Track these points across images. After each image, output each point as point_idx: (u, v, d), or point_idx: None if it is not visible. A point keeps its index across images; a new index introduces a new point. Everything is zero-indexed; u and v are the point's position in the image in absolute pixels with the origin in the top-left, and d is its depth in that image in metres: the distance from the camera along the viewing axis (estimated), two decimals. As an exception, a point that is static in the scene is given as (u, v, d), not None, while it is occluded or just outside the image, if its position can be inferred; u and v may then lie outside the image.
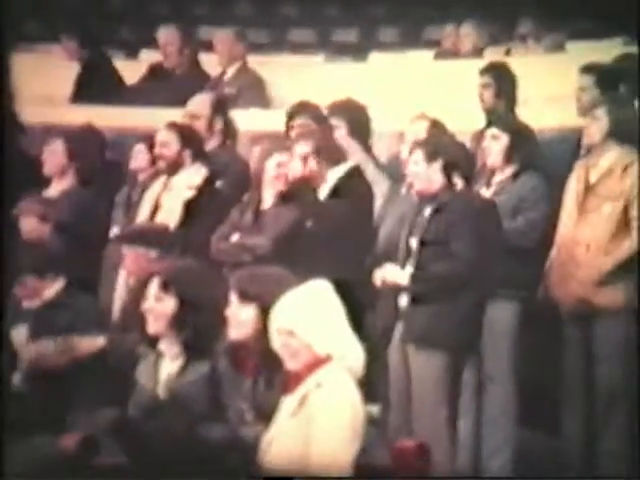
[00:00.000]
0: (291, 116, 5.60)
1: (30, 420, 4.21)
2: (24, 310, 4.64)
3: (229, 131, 5.77)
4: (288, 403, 3.52)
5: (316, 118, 5.51)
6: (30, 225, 5.08)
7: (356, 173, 5.15)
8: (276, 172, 5.16)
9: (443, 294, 4.72)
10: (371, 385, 3.81)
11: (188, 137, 5.40)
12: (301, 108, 5.60)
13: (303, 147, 5.11)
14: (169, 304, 3.96)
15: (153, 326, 3.97)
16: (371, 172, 5.36)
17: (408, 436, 4.50)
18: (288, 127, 5.56)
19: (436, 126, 5.49)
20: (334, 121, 5.54)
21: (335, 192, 5.06)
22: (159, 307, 3.96)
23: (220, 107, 5.78)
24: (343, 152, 5.24)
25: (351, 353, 3.53)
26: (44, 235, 4.97)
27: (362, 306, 4.50)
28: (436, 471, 4.39)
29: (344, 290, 3.61)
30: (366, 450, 3.50)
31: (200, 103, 5.77)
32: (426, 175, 4.85)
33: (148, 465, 3.78)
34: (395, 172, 5.49)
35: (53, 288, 4.71)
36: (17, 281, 4.65)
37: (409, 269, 4.79)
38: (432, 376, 4.70)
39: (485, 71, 5.97)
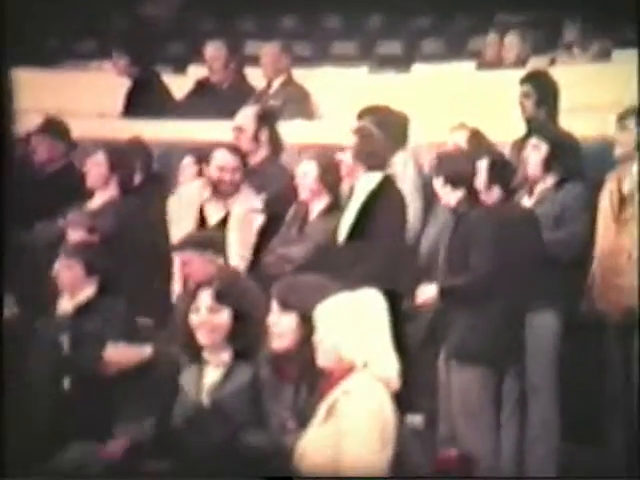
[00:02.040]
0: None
1: (77, 425, 4.24)
2: (61, 317, 4.67)
3: (274, 143, 5.78)
4: (319, 411, 3.51)
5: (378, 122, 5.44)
6: (78, 236, 5.11)
7: (389, 182, 5.13)
8: (308, 180, 5.16)
9: (469, 307, 4.69)
10: (414, 396, 3.79)
11: (241, 158, 5.42)
12: (367, 111, 5.53)
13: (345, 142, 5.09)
14: (223, 315, 3.93)
15: (206, 338, 3.94)
16: (409, 184, 5.35)
17: (454, 447, 4.46)
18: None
19: (476, 136, 5.45)
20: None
21: (368, 201, 5.04)
22: (213, 319, 3.93)
23: (265, 119, 5.80)
24: (382, 159, 5.22)
25: (385, 363, 3.50)
26: (93, 246, 5.00)
27: (405, 318, 4.47)
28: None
29: (389, 301, 3.59)
30: (408, 459, 3.46)
31: (245, 116, 5.79)
32: (441, 189, 4.87)
33: (191, 472, 3.79)
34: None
35: (86, 292, 4.75)
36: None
37: (436, 284, 4.78)
38: (471, 390, 4.68)
39: (525, 80, 5.92)
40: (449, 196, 4.93)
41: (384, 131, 5.39)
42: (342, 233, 5.05)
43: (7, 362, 3.95)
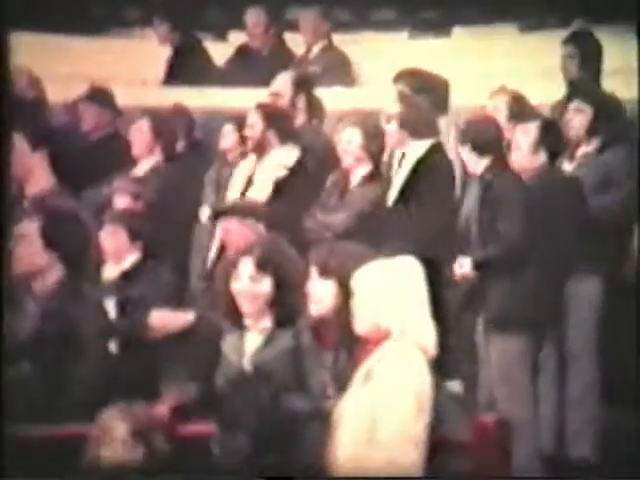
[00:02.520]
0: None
1: (125, 387, 4.32)
2: (106, 282, 4.73)
3: (314, 109, 5.77)
4: (356, 377, 3.53)
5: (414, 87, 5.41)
6: (124, 203, 5.17)
7: (437, 150, 5.11)
8: (352, 147, 5.15)
9: (504, 276, 4.67)
10: (453, 363, 3.81)
11: (274, 117, 5.41)
12: (405, 75, 5.52)
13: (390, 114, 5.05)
14: (265, 284, 3.95)
15: (248, 306, 3.97)
16: (452, 152, 5.32)
17: (493, 413, 4.48)
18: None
19: (517, 100, 5.40)
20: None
21: (416, 168, 5.03)
22: (255, 288, 3.94)
23: (302, 85, 5.79)
24: (429, 126, 5.18)
25: (422, 330, 3.52)
26: (137, 213, 5.05)
27: (444, 285, 4.48)
28: (518, 449, 4.38)
29: (430, 269, 3.60)
30: (446, 425, 3.49)
31: (282, 82, 5.78)
32: (467, 158, 4.85)
33: (234, 433, 3.86)
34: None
35: (130, 259, 4.80)
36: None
37: (470, 257, 4.76)
38: (510, 356, 4.67)
39: (568, 41, 5.83)
40: (475, 164, 4.89)
41: (424, 96, 5.35)
42: (389, 201, 5.01)
43: (53, 325, 4.03)
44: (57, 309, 4.08)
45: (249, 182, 5.36)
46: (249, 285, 3.96)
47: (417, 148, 5.05)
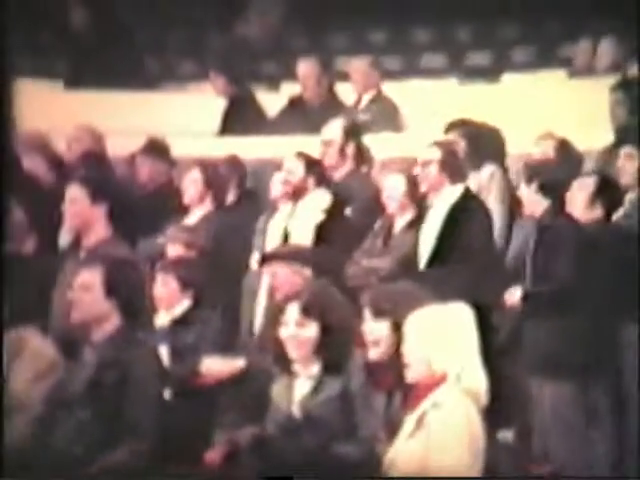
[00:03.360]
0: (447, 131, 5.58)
1: (180, 433, 4.34)
2: (159, 329, 4.78)
3: (362, 157, 5.81)
4: (408, 423, 3.51)
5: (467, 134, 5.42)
6: (177, 252, 5.23)
7: (470, 194, 5.12)
8: (397, 194, 5.17)
9: (553, 315, 4.63)
10: (505, 411, 3.75)
11: (312, 165, 5.47)
12: (457, 124, 5.55)
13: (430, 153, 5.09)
14: (311, 329, 3.95)
15: (295, 352, 3.97)
16: (496, 195, 5.32)
17: (547, 463, 4.40)
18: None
19: (564, 145, 5.39)
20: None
21: (451, 214, 5.03)
22: (301, 333, 3.95)
23: (352, 133, 5.84)
24: (464, 172, 5.20)
25: (474, 377, 3.48)
26: (188, 261, 5.10)
27: (493, 331, 4.44)
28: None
29: (479, 314, 3.58)
30: (499, 475, 3.43)
31: (332, 129, 5.84)
32: (530, 198, 4.80)
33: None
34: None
35: (181, 306, 4.85)
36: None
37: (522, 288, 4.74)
38: (561, 401, 4.61)
39: (617, 87, 5.80)
40: (536, 205, 4.89)
41: (473, 144, 5.37)
42: (425, 248, 5.03)
43: (111, 373, 4.07)
44: (114, 357, 4.12)
45: (287, 232, 5.39)
46: (295, 330, 3.97)
47: (451, 194, 5.07)
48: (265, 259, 4.96)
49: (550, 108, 6.38)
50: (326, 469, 3.81)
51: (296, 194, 5.44)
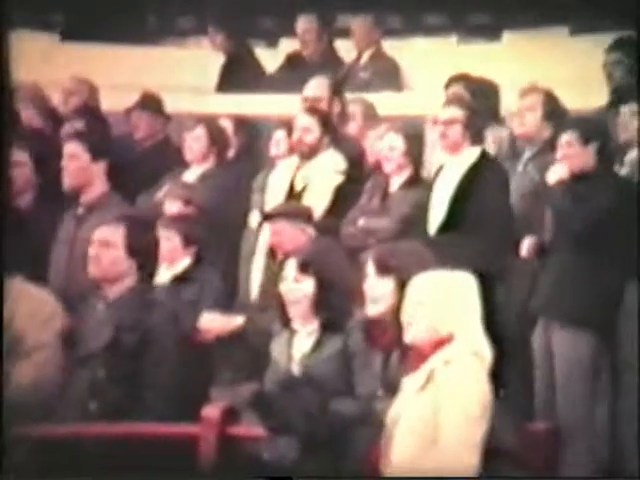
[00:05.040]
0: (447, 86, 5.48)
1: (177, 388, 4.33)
2: (159, 285, 4.74)
3: (345, 115, 5.72)
4: (413, 380, 3.48)
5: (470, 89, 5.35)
6: (175, 208, 5.18)
7: (487, 158, 4.99)
8: (395, 154, 5.09)
9: (569, 265, 4.56)
10: (507, 372, 3.74)
11: (327, 122, 5.39)
12: (457, 79, 5.46)
13: (453, 111, 4.95)
14: (309, 285, 3.95)
15: (293, 308, 3.97)
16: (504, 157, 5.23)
17: (548, 419, 4.38)
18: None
19: (550, 98, 5.29)
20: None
21: (468, 177, 4.91)
22: (298, 288, 3.95)
23: (338, 90, 5.74)
24: (482, 133, 5.10)
25: (479, 340, 3.48)
26: (190, 218, 5.05)
27: (492, 295, 4.39)
28: (570, 457, 4.29)
29: (483, 281, 3.54)
30: (497, 432, 3.43)
31: (318, 86, 5.73)
32: (581, 155, 4.70)
33: (283, 436, 3.83)
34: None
35: (183, 263, 4.80)
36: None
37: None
38: (577, 355, 4.57)
39: (614, 48, 5.71)
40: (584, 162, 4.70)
41: (477, 102, 5.28)
42: (437, 211, 4.88)
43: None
44: (134, 319, 4.11)
45: (293, 186, 5.31)
46: (293, 286, 3.95)
47: (469, 156, 4.94)
48: (268, 216, 4.90)
49: (548, 67, 6.29)
50: (324, 426, 3.80)
51: (309, 152, 5.33)
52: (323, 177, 5.26)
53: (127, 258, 4.16)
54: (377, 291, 3.72)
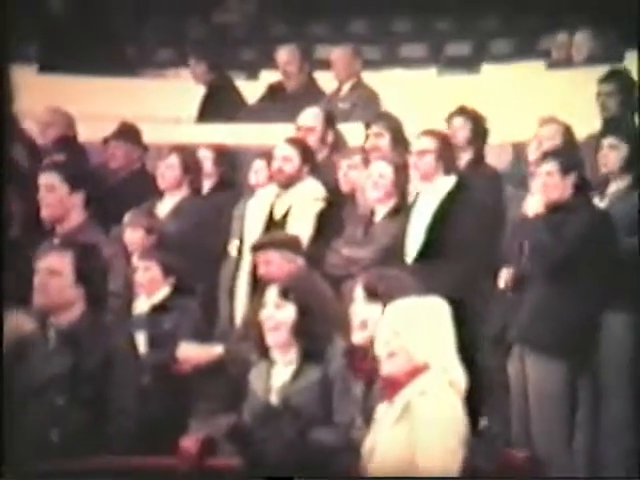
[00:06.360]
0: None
1: (155, 420, 4.27)
2: (136, 316, 4.72)
3: (338, 145, 5.76)
4: (389, 410, 3.46)
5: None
6: (136, 237, 5.15)
7: (463, 185, 5.04)
8: (384, 181, 5.10)
9: (543, 294, 4.57)
10: (483, 399, 3.73)
11: (307, 152, 5.41)
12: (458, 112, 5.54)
13: (425, 142, 5.04)
14: (289, 312, 3.92)
15: (273, 335, 3.94)
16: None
17: (524, 448, 4.37)
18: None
19: (567, 132, 5.38)
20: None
21: (444, 205, 4.95)
22: (279, 314, 3.92)
23: (332, 121, 5.80)
24: (456, 163, 5.14)
25: (453, 368, 3.46)
26: (148, 247, 5.02)
27: (468, 323, 4.40)
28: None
29: (454, 307, 3.53)
30: (474, 462, 3.40)
31: (312, 116, 5.79)
32: (560, 186, 4.74)
33: (261, 467, 3.78)
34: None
35: (162, 292, 4.78)
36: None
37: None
38: (549, 384, 4.59)
39: (607, 79, 5.76)
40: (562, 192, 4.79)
41: (475, 131, 5.37)
42: (414, 239, 4.92)
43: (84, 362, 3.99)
44: (85, 343, 4.05)
45: (272, 215, 5.31)
46: (273, 312, 3.93)
47: (444, 184, 4.99)
48: (257, 247, 4.87)
49: (528, 99, 6.34)
50: (303, 456, 3.76)
51: (288, 181, 5.34)
52: (304, 204, 5.27)
53: (75, 286, 4.09)
54: (364, 316, 3.70)
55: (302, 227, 5.17)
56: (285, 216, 5.27)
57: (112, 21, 7.99)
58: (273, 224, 5.26)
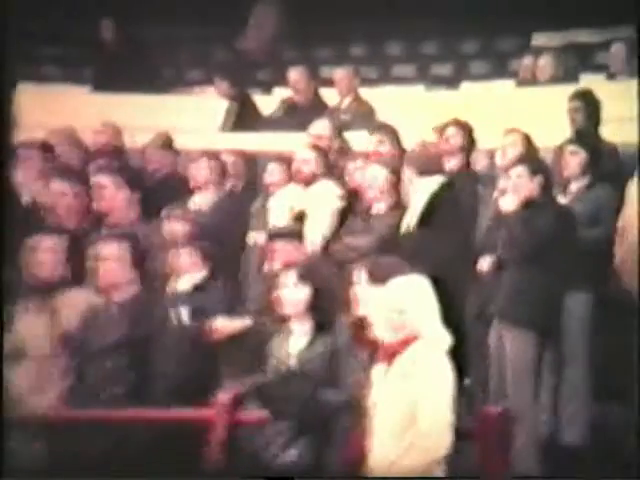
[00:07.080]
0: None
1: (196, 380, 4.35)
2: (179, 293, 4.82)
3: (343, 151, 5.85)
4: (389, 373, 3.55)
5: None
6: (175, 228, 5.21)
7: (448, 185, 5.12)
8: (377, 183, 5.19)
9: (518, 278, 4.69)
10: (466, 363, 3.83)
11: (322, 156, 5.51)
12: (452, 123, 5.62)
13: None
14: (305, 291, 4.08)
15: (290, 309, 4.08)
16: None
17: (500, 403, 4.48)
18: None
19: (527, 140, 5.47)
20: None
21: (432, 202, 5.02)
22: (297, 293, 4.08)
23: (339, 130, 5.89)
24: (439, 164, 5.23)
25: (440, 336, 3.55)
26: (185, 237, 5.11)
27: (453, 299, 4.50)
28: (519, 434, 4.38)
29: (439, 285, 3.63)
30: (460, 415, 3.51)
31: (322, 126, 5.87)
32: (529, 186, 4.85)
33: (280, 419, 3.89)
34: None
35: (201, 274, 4.89)
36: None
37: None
38: (522, 352, 4.69)
39: (575, 97, 5.85)
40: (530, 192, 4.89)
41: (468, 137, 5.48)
42: (407, 228, 5.00)
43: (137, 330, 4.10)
44: (138, 317, 4.17)
45: (293, 209, 5.39)
46: (292, 291, 4.09)
47: (430, 184, 5.08)
48: (271, 236, 4.99)
49: (500, 112, 6.43)
50: (314, 411, 3.87)
51: (306, 181, 5.43)
52: (324, 202, 5.35)
53: (131, 270, 4.25)
54: (366, 295, 3.83)
55: (321, 222, 5.26)
56: (304, 212, 5.36)
57: (151, 48, 8.14)
58: (295, 219, 5.35)
